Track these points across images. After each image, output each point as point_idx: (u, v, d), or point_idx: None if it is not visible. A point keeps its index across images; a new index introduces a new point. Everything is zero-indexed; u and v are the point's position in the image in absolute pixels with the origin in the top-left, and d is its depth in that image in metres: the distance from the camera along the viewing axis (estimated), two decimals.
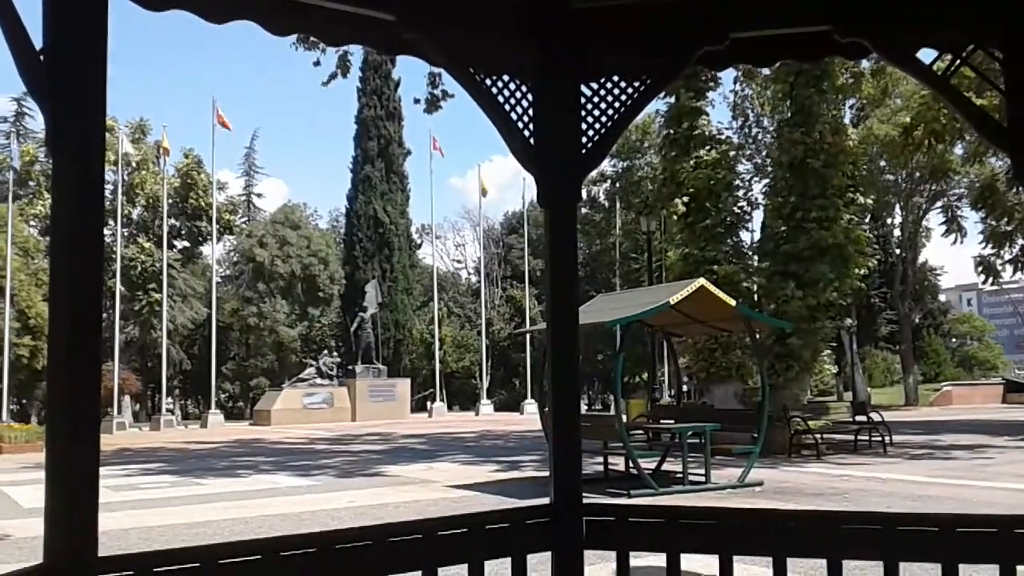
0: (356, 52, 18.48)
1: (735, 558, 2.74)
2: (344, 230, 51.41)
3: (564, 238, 2.97)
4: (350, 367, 39.05)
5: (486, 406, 41.38)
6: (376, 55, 45.62)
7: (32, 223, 45.23)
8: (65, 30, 2.08)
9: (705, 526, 2.81)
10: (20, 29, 2.04)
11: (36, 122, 51.04)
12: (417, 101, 18.58)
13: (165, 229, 39.60)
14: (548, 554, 2.83)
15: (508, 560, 2.77)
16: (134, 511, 10.29)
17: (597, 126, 2.93)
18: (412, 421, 35.41)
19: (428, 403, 41.65)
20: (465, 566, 2.69)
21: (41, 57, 2.06)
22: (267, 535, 4.55)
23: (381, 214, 46.47)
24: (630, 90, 2.94)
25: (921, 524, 2.67)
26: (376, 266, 45.96)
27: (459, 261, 65.64)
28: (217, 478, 14.56)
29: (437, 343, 42.88)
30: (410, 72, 45.28)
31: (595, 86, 2.95)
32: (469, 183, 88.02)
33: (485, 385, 44.69)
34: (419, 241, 56.79)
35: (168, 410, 39.09)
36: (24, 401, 42.11)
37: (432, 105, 18.26)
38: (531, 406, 39.50)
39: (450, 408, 44.44)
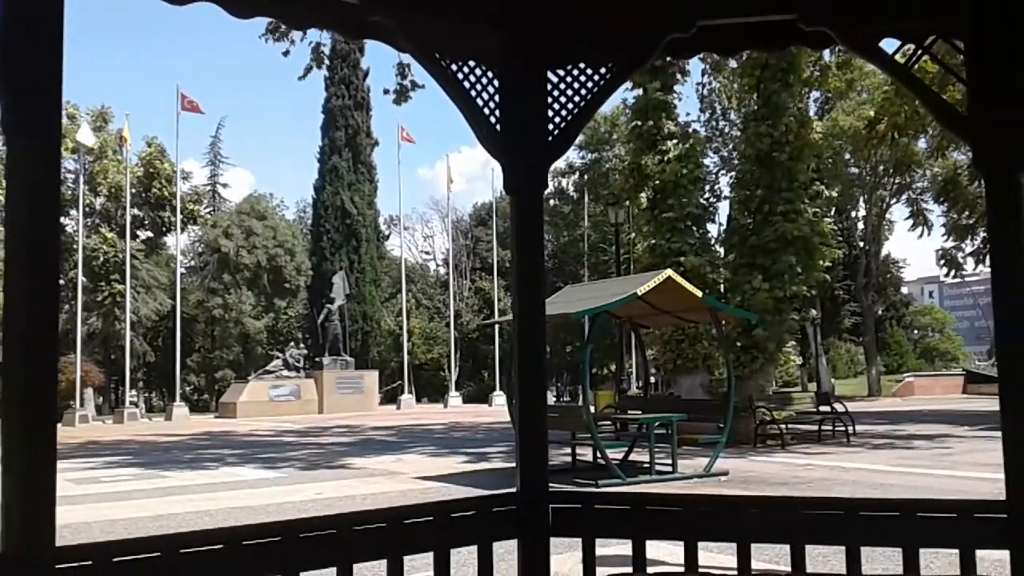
0: (327, 40, 18.31)
1: (701, 545, 2.76)
2: (311, 221, 51.02)
3: (530, 225, 2.96)
4: (317, 359, 38.81)
5: (455, 398, 41.33)
6: (344, 43, 45.28)
7: None
8: (21, 11, 2.03)
9: (671, 513, 2.82)
10: None
11: None
12: (387, 92, 18.45)
13: (128, 219, 39.00)
14: (515, 542, 2.83)
15: (475, 548, 2.77)
16: (97, 504, 10.14)
17: (564, 113, 2.92)
18: (380, 413, 35.29)
19: (396, 395, 41.53)
20: (431, 554, 2.68)
21: None
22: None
23: (348, 205, 46.15)
24: (597, 77, 2.93)
25: (882, 509, 2.70)
26: (343, 257, 45.67)
27: (427, 253, 65.49)
28: (182, 471, 14.40)
29: (405, 335, 42.73)
30: (379, 62, 45.13)
31: (562, 72, 2.94)
32: (437, 174, 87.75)
33: (454, 377, 44.63)
34: (387, 232, 56.54)
35: (132, 403, 38.58)
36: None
37: (401, 96, 18.14)
38: (500, 398, 39.55)
39: (418, 400, 44.33)
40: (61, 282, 29.60)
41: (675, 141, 18.58)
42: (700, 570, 2.64)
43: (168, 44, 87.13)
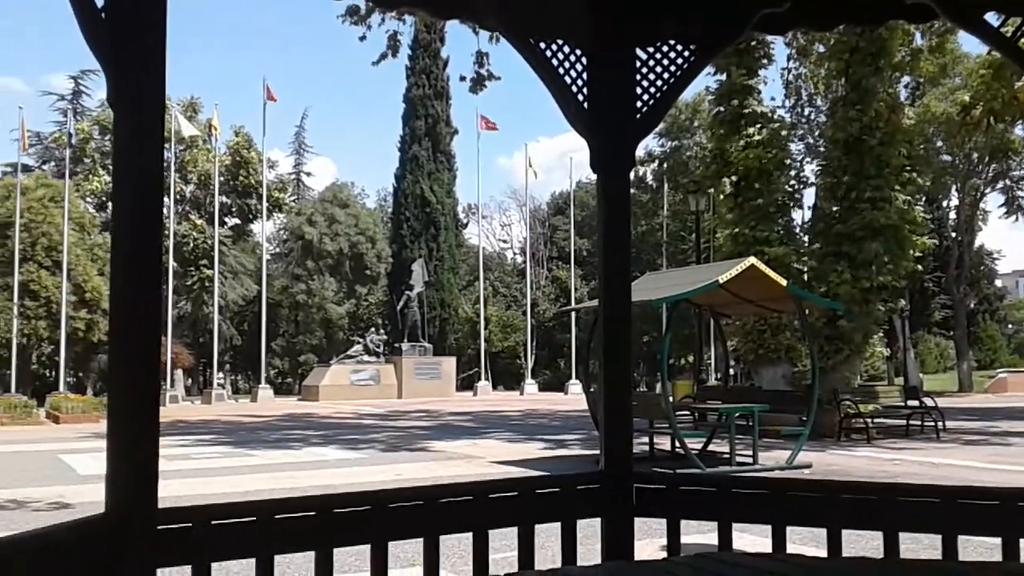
0: (406, 31, 18.47)
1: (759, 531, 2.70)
2: (391, 209, 51.71)
3: (617, 204, 2.94)
4: (396, 345, 39.39)
5: (530, 386, 41.45)
6: (425, 33, 45.71)
7: (88, 199, 46.27)
8: None
9: (759, 496, 2.77)
10: None
11: (92, 100, 52.15)
12: (463, 79, 18.54)
13: (216, 206, 40.18)
14: (599, 521, 2.83)
15: (559, 525, 2.77)
16: (188, 479, 10.52)
17: (652, 91, 2.89)
18: (457, 399, 35.65)
19: (473, 382, 41.86)
20: (515, 529, 2.70)
21: (103, 15, 2.07)
22: None
23: (428, 193, 46.62)
24: (687, 53, 2.89)
25: (983, 498, 2.60)
26: (423, 245, 46.18)
27: (505, 241, 65.75)
28: (268, 450, 14.83)
29: (482, 323, 43.00)
30: (458, 51, 45.39)
31: (651, 50, 2.91)
32: (516, 163, 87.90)
33: (530, 365, 44.76)
34: (465, 221, 56.97)
35: (219, 384, 39.84)
36: (80, 374, 43.24)
37: (478, 84, 18.20)
38: (575, 386, 39.49)
39: (495, 387, 44.61)
40: None
41: (759, 126, 18.18)
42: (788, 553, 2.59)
43: (255, 34, 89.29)
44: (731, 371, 21.63)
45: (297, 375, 50.38)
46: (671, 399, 12.80)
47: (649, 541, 5.28)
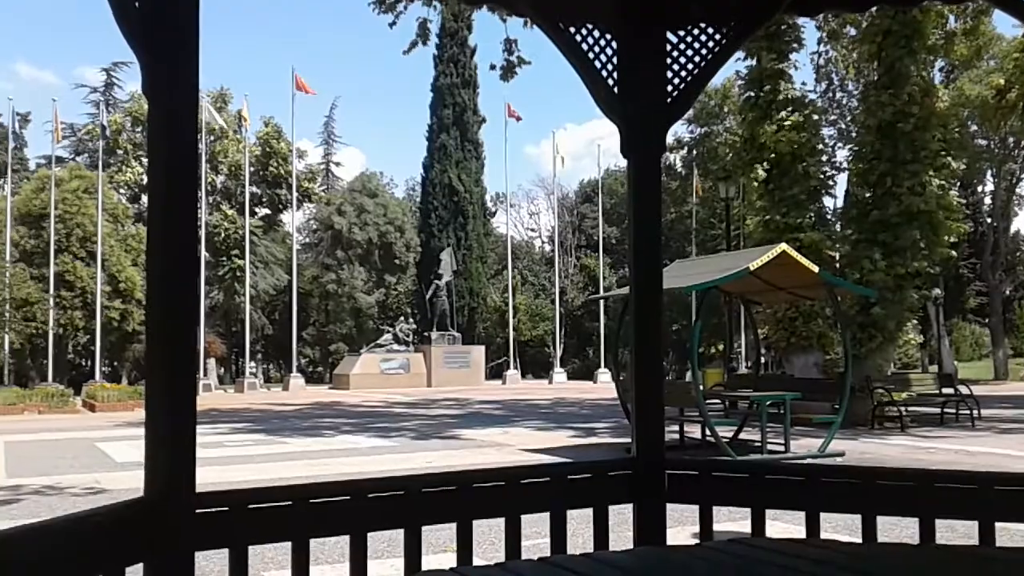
0: (435, 19, 18.49)
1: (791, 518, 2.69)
2: (420, 198, 51.86)
3: (648, 189, 2.92)
4: (426, 334, 39.58)
5: (559, 374, 41.46)
6: (453, 21, 45.67)
7: (121, 190, 46.88)
8: None
9: (792, 482, 2.75)
10: None
11: (124, 92, 52.74)
12: (493, 67, 18.51)
13: (247, 197, 40.53)
14: (630, 508, 2.83)
15: (590, 512, 2.78)
16: (223, 467, 10.66)
17: (683, 74, 2.86)
18: (486, 388, 35.75)
19: (502, 370, 41.95)
20: (546, 515, 2.71)
21: (136, 5, 2.08)
22: None
23: (456, 182, 46.69)
24: (718, 36, 2.86)
25: (1021, 485, 2.57)
26: (451, 234, 46.30)
27: (533, 230, 65.70)
28: (300, 438, 14.98)
29: (511, 311, 43.06)
30: (486, 39, 45.27)
31: (681, 33, 2.88)
32: (543, 151, 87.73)
33: (558, 354, 44.76)
34: (493, 209, 56.98)
35: (251, 373, 40.26)
36: (115, 363, 43.91)
37: (508, 72, 18.17)
38: (604, 375, 39.46)
39: (523, 376, 44.67)
40: None
41: (791, 110, 17.98)
42: (823, 538, 2.57)
43: (283, 24, 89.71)
44: (762, 359, 21.47)
45: (328, 364, 50.80)
46: (701, 387, 12.74)
47: (680, 529, 5.27)
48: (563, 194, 57.91)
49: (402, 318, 43.72)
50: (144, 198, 48.11)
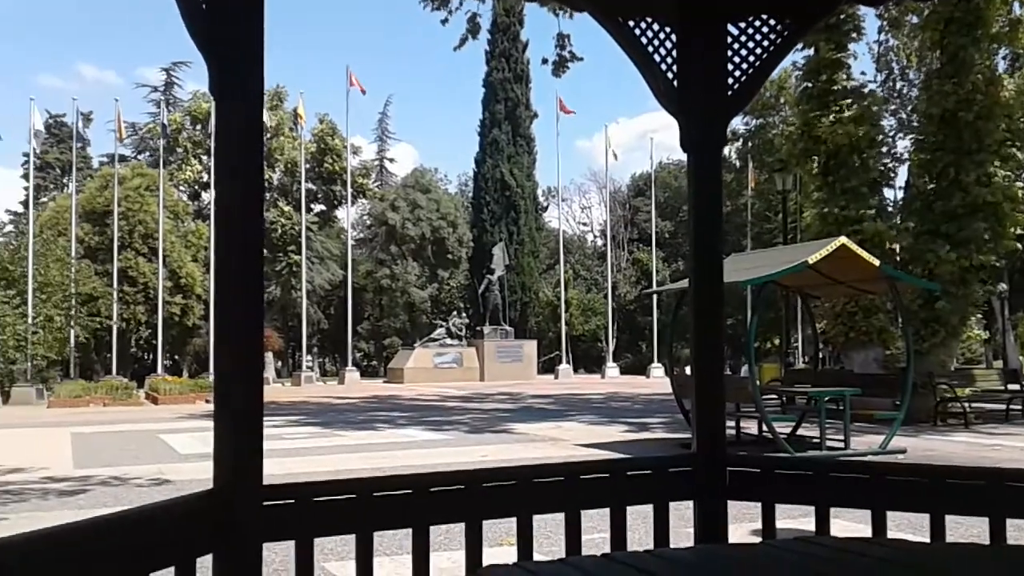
0: (485, 14, 18.54)
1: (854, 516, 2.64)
2: (472, 193, 52.04)
3: (708, 184, 2.89)
4: (478, 328, 39.75)
5: (612, 369, 41.30)
6: (505, 16, 45.69)
7: (181, 187, 47.91)
8: None
9: (858, 480, 2.71)
10: None
11: (183, 91, 53.84)
12: (545, 62, 18.51)
13: (303, 193, 41.10)
14: (691, 504, 2.81)
15: (650, 508, 2.77)
16: (281, 459, 10.84)
17: (744, 66, 2.82)
18: (539, 382, 35.77)
19: (554, 365, 41.93)
20: (607, 510, 2.70)
21: (203, 6, 2.13)
22: None
23: (508, 177, 46.74)
24: (780, 27, 2.82)
25: None
26: (503, 229, 46.38)
27: (585, 224, 65.48)
28: (356, 431, 15.18)
29: (563, 306, 42.98)
30: (538, 33, 45.16)
31: (742, 25, 2.84)
32: (595, 145, 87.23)
33: (611, 348, 44.57)
34: (545, 204, 56.92)
35: (308, 367, 40.89)
36: (176, 356, 44.92)
37: (560, 66, 18.16)
38: (657, 369, 39.18)
39: (576, 370, 44.56)
40: None
41: (849, 101, 17.61)
42: (890, 537, 2.53)
43: (336, 21, 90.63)
44: (820, 354, 21.13)
45: (382, 358, 51.32)
46: (758, 382, 12.58)
47: (736, 526, 5.22)
48: (615, 188, 57.61)
49: (455, 312, 43.96)
50: (204, 195, 49.21)
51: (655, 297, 40.80)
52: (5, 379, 27.15)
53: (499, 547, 5.16)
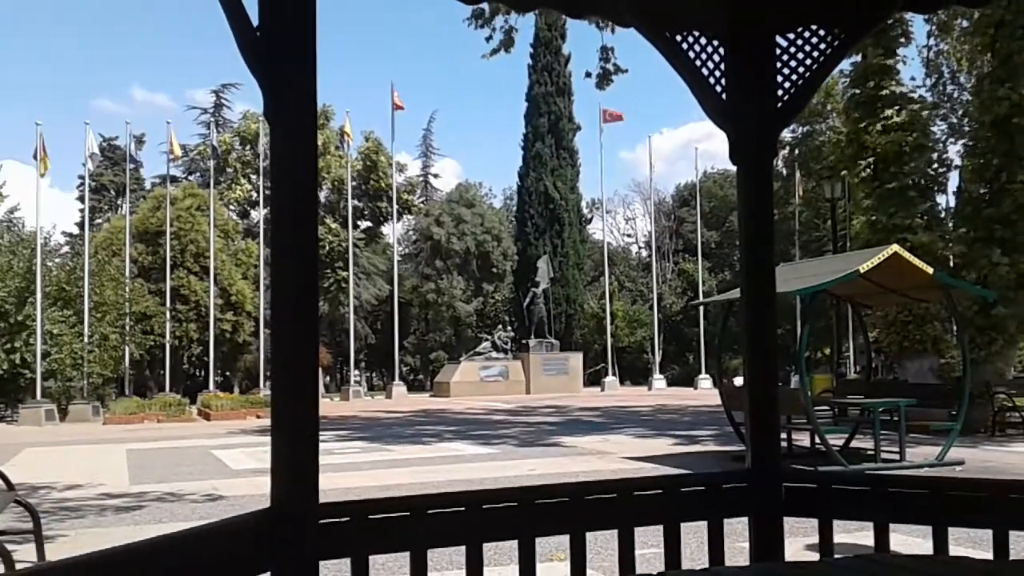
0: (524, 28, 18.62)
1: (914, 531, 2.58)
2: (516, 207, 52.15)
3: (759, 196, 2.87)
4: (524, 341, 39.74)
5: (659, 381, 41.00)
6: (548, 31, 45.85)
7: (231, 207, 48.77)
8: (279, 7, 2.19)
9: (917, 496, 2.65)
10: (239, 6, 2.16)
11: (232, 113, 54.86)
12: (588, 75, 18.50)
13: (349, 210, 41.55)
14: (746, 520, 2.78)
15: (703, 524, 2.74)
16: (331, 474, 10.94)
17: (794, 78, 2.80)
18: (585, 395, 35.64)
19: (600, 377, 41.74)
20: (660, 527, 2.68)
21: (258, 33, 2.17)
22: None
23: (552, 190, 46.78)
24: (830, 38, 2.79)
25: None
26: (547, 242, 46.39)
27: (629, 235, 65.20)
28: (404, 445, 15.26)
29: (608, 317, 42.82)
30: (580, 47, 45.31)
31: (792, 36, 2.82)
32: (639, 156, 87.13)
33: (657, 360, 44.25)
34: (589, 216, 56.85)
35: (356, 381, 41.21)
36: (227, 373, 45.61)
37: (604, 80, 18.13)
38: (705, 381, 38.79)
39: (622, 382, 44.33)
40: None
41: (898, 107, 17.34)
42: (951, 555, 2.47)
43: (381, 39, 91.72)
44: (872, 364, 20.75)
45: (428, 372, 51.56)
46: (809, 393, 12.39)
47: (791, 540, 5.14)
48: (660, 198, 57.34)
49: (500, 326, 44.01)
50: (253, 214, 50.01)
51: (702, 308, 40.45)
52: (63, 396, 27.82)
53: (549, 563, 5.15)
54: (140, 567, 1.81)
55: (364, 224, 52.46)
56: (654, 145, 61.51)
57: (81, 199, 43.55)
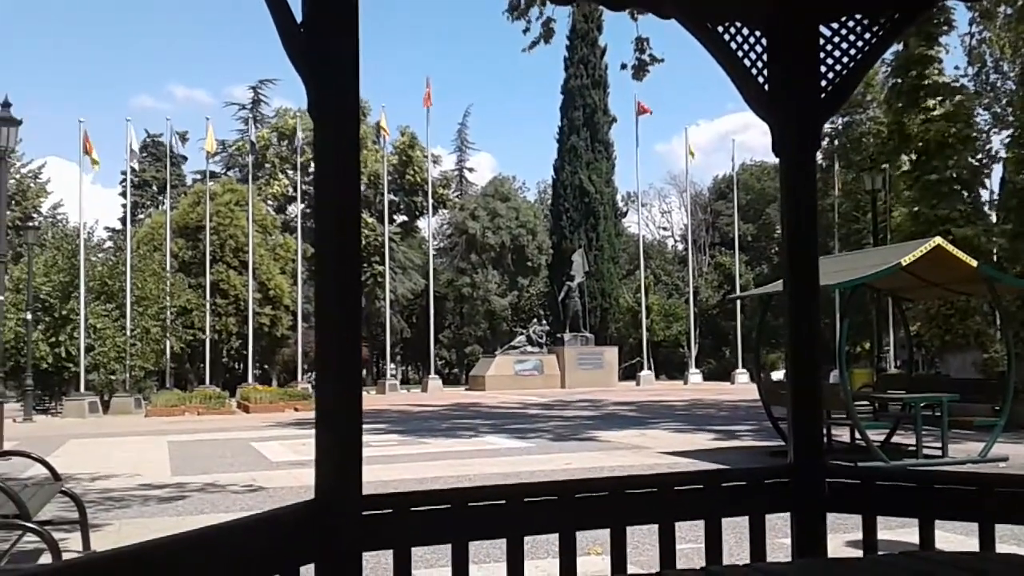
0: (561, 19, 18.53)
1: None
2: (551, 200, 52.09)
3: (802, 188, 2.83)
4: (558, 335, 39.72)
5: (695, 375, 40.77)
6: (584, 23, 45.67)
7: (269, 202, 49.27)
8: (323, 3, 2.20)
9: (964, 492, 2.61)
10: (283, 2, 2.18)
11: (269, 108, 55.37)
12: (624, 67, 18.37)
13: (385, 205, 41.76)
14: (788, 516, 2.75)
15: (745, 520, 2.72)
16: (368, 466, 10.95)
17: (838, 68, 2.76)
18: (620, 389, 35.54)
19: (635, 371, 41.60)
20: (702, 522, 2.67)
21: (302, 29, 2.19)
22: None
23: (587, 183, 46.64)
24: (875, 27, 2.74)
25: None
26: (582, 235, 46.28)
27: (665, 228, 64.81)
28: (440, 438, 15.33)
29: (644, 311, 42.63)
30: (616, 38, 45.05)
31: (835, 26, 2.78)
32: (674, 148, 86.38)
33: (693, 354, 43.98)
34: (624, 209, 56.57)
35: (392, 375, 41.46)
36: (266, 366, 46.14)
37: (640, 71, 17.98)
38: (743, 375, 38.49)
39: (657, 377, 44.12)
40: None
41: (941, 97, 17.03)
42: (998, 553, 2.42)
43: (416, 33, 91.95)
44: (914, 358, 20.43)
45: (463, 365, 51.74)
46: (849, 388, 12.23)
47: (832, 536, 5.10)
48: (696, 191, 56.90)
49: (535, 320, 44.03)
50: (290, 208, 50.51)
51: (739, 301, 40.13)
52: (105, 389, 28.36)
53: (586, 556, 5.15)
54: (188, 557, 1.84)
55: (400, 218, 52.73)
56: (690, 137, 60.93)
57: (123, 195, 44.25)
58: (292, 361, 40.22)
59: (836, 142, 43.54)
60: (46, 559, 5.91)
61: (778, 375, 40.62)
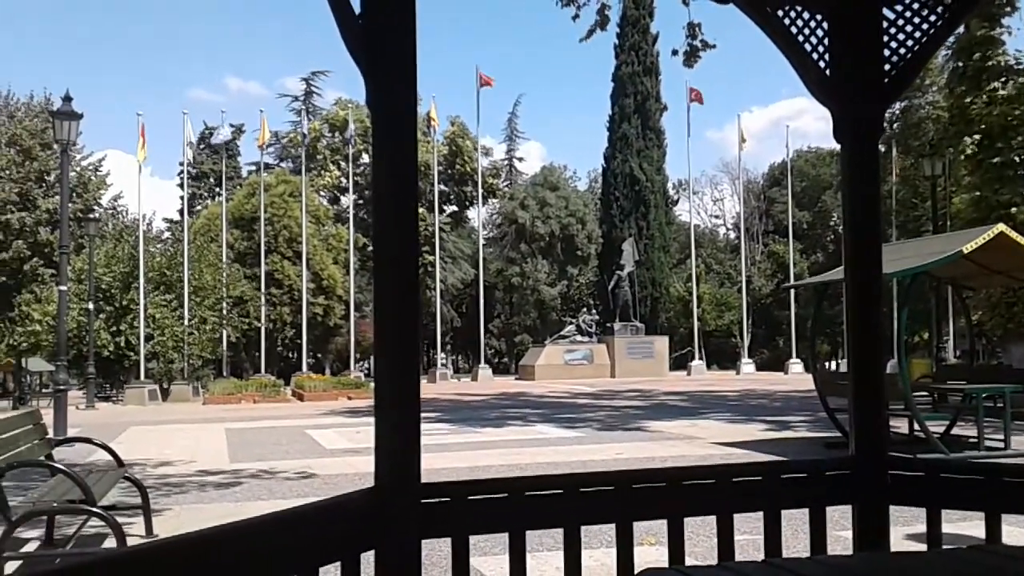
0: (614, 5, 18.32)
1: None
2: (601, 189, 51.79)
3: (864, 174, 2.78)
4: (608, 325, 39.55)
5: (747, 365, 40.30)
6: (635, 9, 45.22)
7: (321, 193, 49.83)
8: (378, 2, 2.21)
9: None
10: None
11: (322, 100, 55.92)
12: (675, 53, 18.15)
13: (436, 195, 41.94)
14: (841, 509, 2.72)
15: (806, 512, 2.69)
16: (422, 454, 11.11)
17: (902, 51, 2.69)
18: (671, 379, 35.29)
19: (686, 361, 41.26)
20: (760, 514, 2.64)
21: (360, 21, 2.20)
22: None
23: (637, 171, 46.26)
24: (940, 9, 2.67)
25: None
26: (632, 224, 45.95)
27: (717, 216, 64.07)
28: (490, 427, 15.40)
29: (695, 301, 42.21)
30: (668, 25, 44.64)
31: (899, 8, 2.71)
32: (726, 135, 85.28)
33: (746, 344, 43.46)
34: (675, 197, 56.03)
35: (442, 364, 41.70)
36: (319, 355, 46.77)
37: (691, 56, 17.74)
38: (796, 365, 37.94)
39: (709, 367, 43.71)
40: None
41: (1004, 79, 16.54)
42: None
43: (465, 22, 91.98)
44: (975, 348, 19.92)
45: (513, 355, 51.84)
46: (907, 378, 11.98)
47: (892, 529, 5.00)
48: (749, 178, 56.14)
49: (585, 309, 43.90)
50: (343, 199, 51.04)
51: (792, 291, 39.53)
52: (164, 377, 29.04)
53: (640, 547, 5.13)
54: (251, 543, 1.88)
55: (450, 208, 52.95)
56: (743, 123, 60.06)
57: (181, 186, 45.12)
58: (345, 350, 40.69)
59: (894, 127, 42.54)
60: (110, 543, 6.08)
61: (834, 365, 39.96)
